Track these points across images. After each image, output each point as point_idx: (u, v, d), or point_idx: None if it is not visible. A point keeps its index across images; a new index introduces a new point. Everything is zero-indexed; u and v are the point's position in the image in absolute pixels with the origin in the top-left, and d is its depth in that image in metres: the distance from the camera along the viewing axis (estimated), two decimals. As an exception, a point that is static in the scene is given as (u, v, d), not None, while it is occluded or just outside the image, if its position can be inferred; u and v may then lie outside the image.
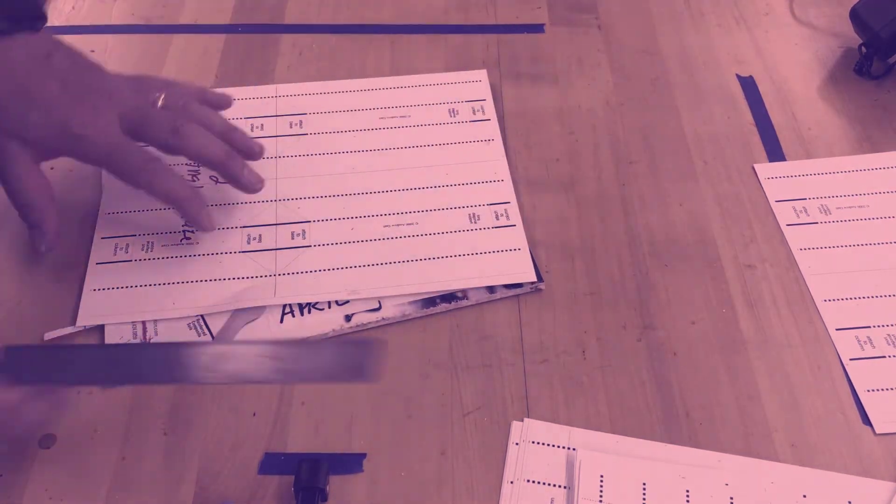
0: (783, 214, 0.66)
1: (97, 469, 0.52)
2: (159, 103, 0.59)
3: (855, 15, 0.77)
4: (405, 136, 0.71)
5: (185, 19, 0.83)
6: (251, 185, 0.62)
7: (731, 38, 0.82)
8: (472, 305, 0.60)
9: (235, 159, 0.60)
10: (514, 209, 0.66)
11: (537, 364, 0.57)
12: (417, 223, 0.65)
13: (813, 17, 0.84)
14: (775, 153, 0.71)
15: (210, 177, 0.67)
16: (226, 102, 0.66)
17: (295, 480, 0.50)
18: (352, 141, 0.70)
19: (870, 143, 0.72)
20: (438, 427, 0.54)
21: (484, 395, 0.56)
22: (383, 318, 0.59)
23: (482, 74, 0.76)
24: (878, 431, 0.54)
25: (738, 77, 0.78)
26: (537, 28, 0.82)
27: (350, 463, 0.52)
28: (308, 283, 0.61)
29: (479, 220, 0.65)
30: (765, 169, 0.69)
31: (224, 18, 0.83)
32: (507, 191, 0.67)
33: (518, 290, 0.60)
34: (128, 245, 0.63)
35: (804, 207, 0.67)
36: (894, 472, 0.52)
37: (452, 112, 0.73)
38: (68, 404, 0.52)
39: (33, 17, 0.58)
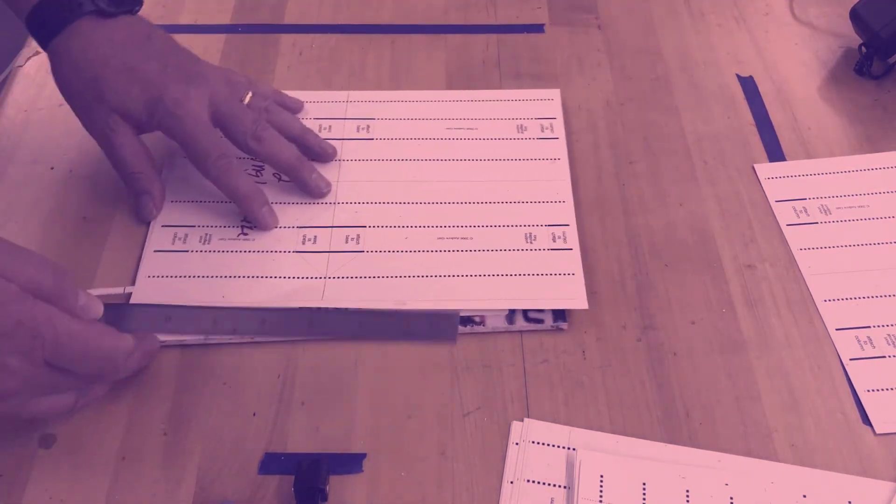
0: (783, 214, 0.66)
1: (97, 469, 0.52)
2: (245, 101, 0.63)
3: (855, 15, 0.77)
4: (470, 149, 0.70)
5: (185, 19, 0.83)
6: (318, 190, 0.64)
7: (731, 38, 0.82)
8: (487, 332, 0.58)
9: (305, 164, 0.63)
10: (572, 232, 0.64)
11: (537, 364, 0.57)
12: (472, 238, 0.63)
13: (813, 17, 0.84)
14: (775, 153, 0.71)
15: (273, 174, 0.67)
16: (299, 107, 0.70)
17: (295, 480, 0.50)
18: (416, 149, 0.70)
19: (870, 143, 0.72)
20: (438, 427, 0.54)
21: (484, 395, 0.56)
22: None
23: (555, 94, 0.75)
24: (878, 431, 0.54)
25: (738, 77, 0.78)
26: (537, 28, 0.82)
27: (350, 463, 0.52)
28: (356, 290, 0.60)
29: (535, 240, 0.63)
30: (765, 169, 0.69)
31: (224, 18, 0.83)
32: (567, 213, 0.65)
33: (538, 326, 0.59)
34: (186, 235, 0.63)
35: (804, 207, 0.67)
36: (894, 472, 0.52)
37: (521, 128, 0.72)
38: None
39: (132, 1, 0.62)
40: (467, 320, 0.59)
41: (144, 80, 0.60)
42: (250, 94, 0.64)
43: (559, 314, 0.59)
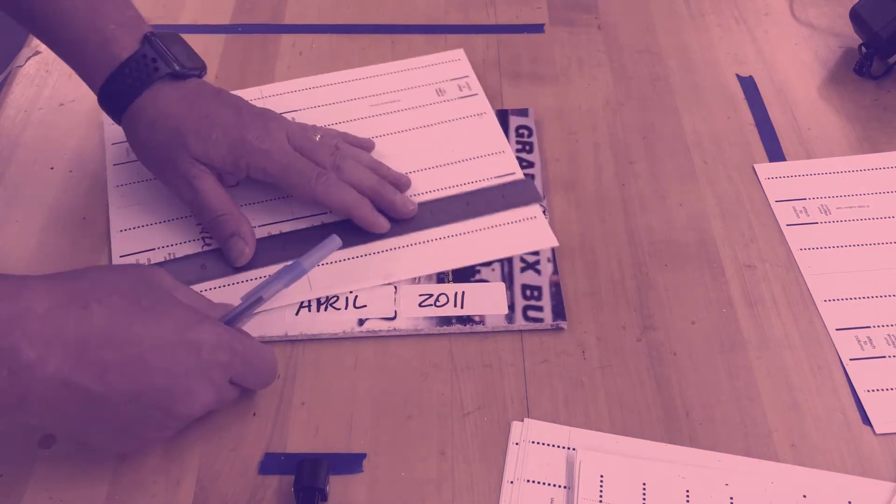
0: (783, 214, 0.66)
1: (97, 469, 0.52)
2: (317, 138, 0.65)
3: (855, 15, 0.77)
4: (398, 121, 0.72)
5: (184, 19, 0.83)
6: (405, 209, 0.64)
7: (731, 38, 0.82)
8: (486, 332, 0.59)
9: (387, 187, 0.64)
10: (520, 177, 0.67)
11: (537, 364, 0.57)
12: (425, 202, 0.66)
13: (813, 17, 0.84)
14: (775, 153, 0.71)
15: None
16: (369, 145, 0.70)
17: (295, 480, 0.50)
18: (347, 130, 0.70)
19: (870, 143, 0.72)
20: (438, 427, 0.54)
21: (484, 395, 0.56)
22: (395, 329, 0.58)
23: (460, 53, 0.78)
24: (878, 431, 0.54)
25: (738, 77, 0.78)
26: (537, 28, 0.82)
27: (350, 463, 0.52)
28: (342, 273, 0.61)
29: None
30: (765, 169, 0.69)
31: (224, 18, 0.83)
32: (510, 161, 0.68)
33: (538, 325, 0.59)
34: (149, 259, 0.62)
35: (804, 207, 0.67)
36: (894, 472, 0.52)
37: (440, 91, 0.74)
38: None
39: (200, 66, 0.65)
40: (467, 319, 0.59)
41: (223, 124, 0.62)
42: (319, 136, 0.65)
43: (559, 312, 0.59)
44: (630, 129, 0.73)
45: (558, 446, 0.53)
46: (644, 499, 0.50)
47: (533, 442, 0.53)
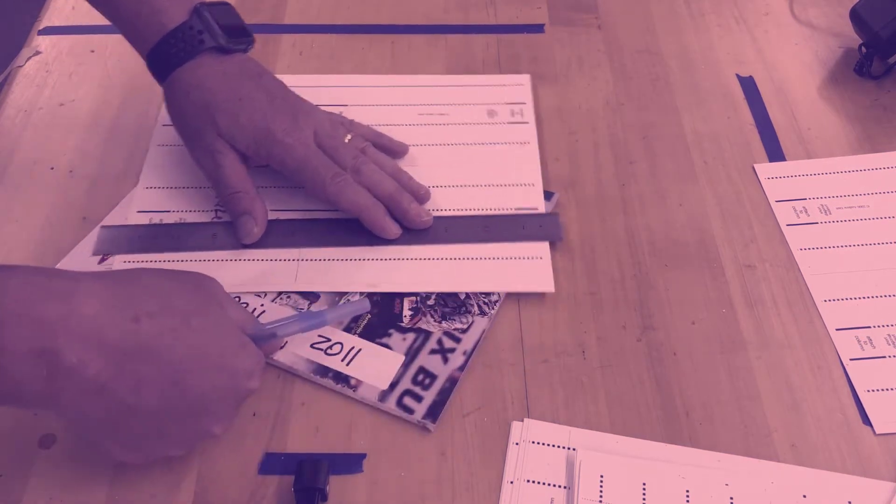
0: (783, 214, 0.66)
1: (97, 469, 0.52)
2: (346, 139, 0.65)
3: (855, 15, 0.77)
4: (441, 134, 0.71)
5: (185, 19, 0.83)
6: (419, 218, 0.64)
7: (731, 38, 0.82)
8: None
9: (404, 195, 0.64)
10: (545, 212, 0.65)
11: (537, 364, 0.57)
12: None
13: (813, 17, 0.84)
14: (775, 153, 0.71)
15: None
16: (402, 150, 0.70)
17: (295, 480, 0.50)
18: (389, 135, 0.70)
19: (870, 143, 0.72)
20: (438, 427, 0.54)
21: (484, 395, 0.56)
22: (274, 360, 0.56)
23: (525, 79, 0.76)
24: (878, 431, 0.54)
25: (738, 77, 0.78)
26: (537, 28, 0.82)
27: (350, 463, 0.52)
28: (328, 272, 0.61)
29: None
30: (765, 169, 0.69)
31: (224, 18, 0.83)
32: (536, 196, 0.66)
33: (404, 415, 0.54)
34: (161, 220, 0.64)
35: (804, 207, 0.67)
36: (894, 472, 0.52)
37: (491, 113, 0.73)
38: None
39: (247, 42, 0.66)
40: (343, 378, 0.55)
41: (252, 109, 0.62)
42: (350, 136, 0.66)
43: (434, 412, 0.54)
44: (630, 129, 0.73)
45: (558, 446, 0.53)
46: (644, 499, 0.50)
47: (533, 442, 0.53)
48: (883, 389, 0.56)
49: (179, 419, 0.48)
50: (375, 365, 0.56)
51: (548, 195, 0.66)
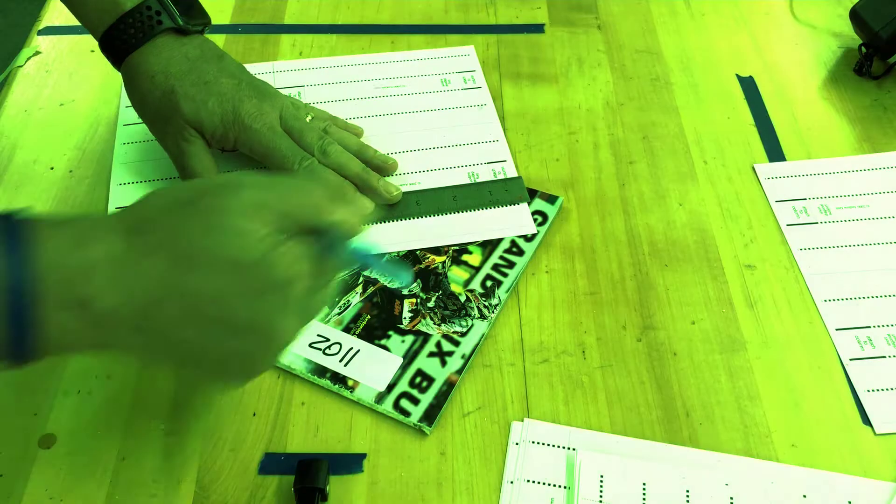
0: (783, 214, 0.66)
1: (97, 469, 0.52)
2: (308, 119, 0.66)
3: (855, 15, 0.77)
4: (402, 104, 0.74)
5: (185, 19, 0.83)
6: (389, 194, 0.65)
7: (731, 38, 0.82)
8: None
9: (371, 173, 0.65)
10: (510, 166, 0.68)
11: (537, 364, 0.57)
12: (420, 182, 0.67)
13: (813, 17, 0.84)
14: (775, 153, 0.71)
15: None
16: (358, 132, 0.70)
17: (295, 480, 0.50)
18: (351, 108, 0.73)
19: (870, 143, 0.72)
20: (438, 427, 0.54)
21: (484, 395, 0.56)
22: None
23: (470, 49, 0.79)
24: (878, 431, 0.54)
25: (738, 77, 0.78)
26: (537, 28, 0.82)
27: (350, 463, 0.52)
28: None
29: (478, 177, 0.67)
30: (765, 169, 0.69)
31: (224, 18, 0.83)
32: (502, 150, 0.70)
33: (401, 417, 0.54)
34: None
35: (804, 207, 0.67)
36: (894, 472, 0.52)
37: (445, 81, 0.76)
38: None
39: (205, 23, 0.65)
40: (340, 379, 0.55)
41: (219, 93, 0.62)
42: (310, 116, 0.66)
43: (430, 415, 0.54)
44: (630, 129, 0.73)
45: (558, 446, 0.53)
46: (644, 499, 0.50)
47: (533, 442, 0.53)
48: (883, 389, 0.56)
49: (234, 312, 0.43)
50: (373, 366, 0.56)
51: (551, 199, 0.66)
